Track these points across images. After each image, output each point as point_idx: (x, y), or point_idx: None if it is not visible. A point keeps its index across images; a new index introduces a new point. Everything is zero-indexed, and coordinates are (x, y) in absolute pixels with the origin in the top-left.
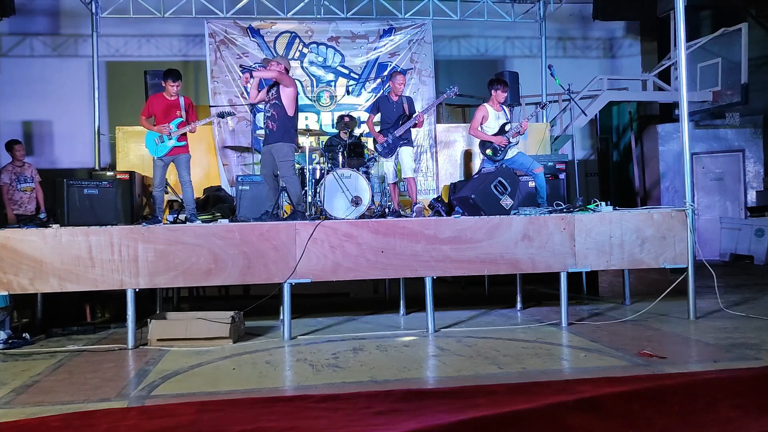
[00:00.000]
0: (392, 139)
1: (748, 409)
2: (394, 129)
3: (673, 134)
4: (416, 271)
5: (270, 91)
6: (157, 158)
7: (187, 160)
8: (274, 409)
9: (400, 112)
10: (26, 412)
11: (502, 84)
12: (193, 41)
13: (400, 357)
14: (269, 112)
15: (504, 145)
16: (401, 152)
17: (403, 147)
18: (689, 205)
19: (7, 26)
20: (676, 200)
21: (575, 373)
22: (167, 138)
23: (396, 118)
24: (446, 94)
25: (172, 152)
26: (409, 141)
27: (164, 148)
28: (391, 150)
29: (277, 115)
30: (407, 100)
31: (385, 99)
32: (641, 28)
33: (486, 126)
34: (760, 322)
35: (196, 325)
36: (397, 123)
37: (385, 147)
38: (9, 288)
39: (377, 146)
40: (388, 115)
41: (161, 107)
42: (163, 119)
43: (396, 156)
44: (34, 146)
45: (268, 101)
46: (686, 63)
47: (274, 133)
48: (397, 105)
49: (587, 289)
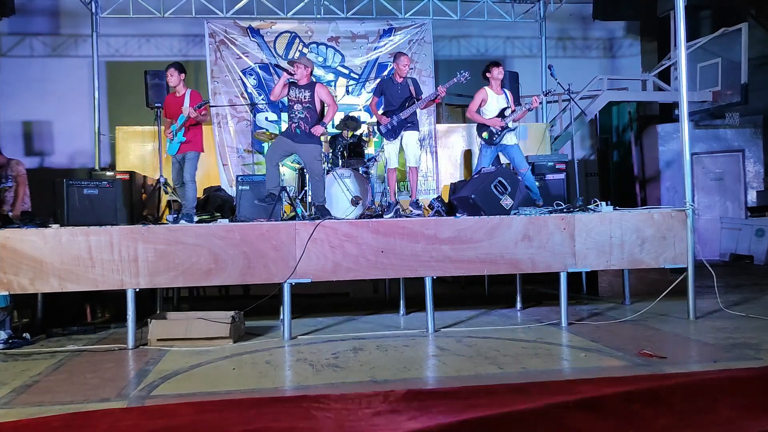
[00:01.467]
0: (397, 121)
1: (748, 409)
2: (399, 111)
3: (673, 134)
4: (416, 271)
5: (303, 92)
6: (172, 156)
7: (194, 158)
8: (274, 409)
9: (405, 95)
10: (26, 412)
11: (493, 65)
12: (193, 41)
13: (400, 357)
14: (302, 114)
15: (500, 128)
16: (406, 137)
17: (408, 131)
18: (689, 205)
19: (7, 26)
20: (676, 200)
21: (575, 373)
22: (174, 135)
23: (401, 101)
24: (457, 78)
25: (181, 149)
26: (415, 125)
27: (175, 146)
28: (395, 132)
29: (310, 118)
30: (413, 82)
31: (389, 81)
32: (641, 28)
33: (485, 109)
34: (759, 322)
35: (196, 325)
36: (403, 105)
37: (389, 129)
38: (9, 288)
39: (380, 128)
40: (392, 98)
41: (171, 107)
42: (173, 118)
43: (400, 139)
44: (34, 146)
45: (300, 102)
46: (686, 63)
47: (305, 134)
48: (402, 87)
49: (587, 289)
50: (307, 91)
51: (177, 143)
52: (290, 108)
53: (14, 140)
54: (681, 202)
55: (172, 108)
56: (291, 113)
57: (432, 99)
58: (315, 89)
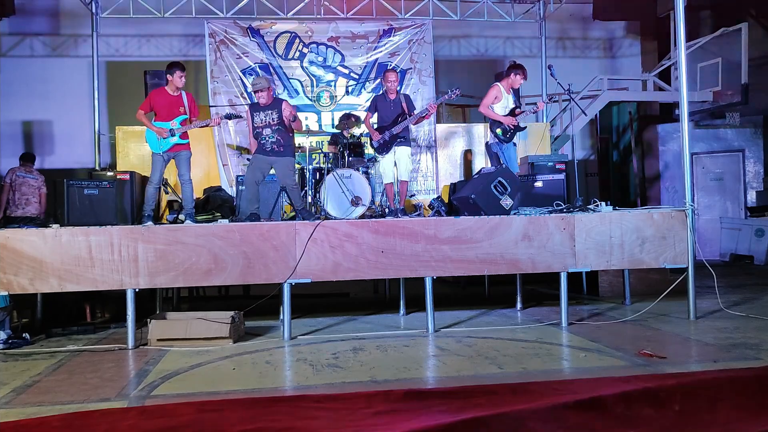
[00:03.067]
0: (389, 136)
1: (748, 409)
2: (392, 127)
3: (673, 134)
4: (416, 271)
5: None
6: (156, 154)
7: (188, 157)
8: (274, 409)
9: (398, 111)
10: (26, 412)
11: (523, 70)
12: (193, 41)
13: (400, 357)
14: (273, 137)
15: (513, 126)
16: (398, 152)
17: (401, 146)
18: (689, 205)
19: (7, 26)
20: (676, 200)
21: (575, 373)
22: (171, 135)
23: (394, 117)
24: (448, 95)
25: (174, 149)
26: (407, 140)
27: (166, 144)
28: (387, 147)
29: (282, 139)
30: (405, 98)
31: (382, 97)
32: (641, 28)
33: (497, 106)
34: (760, 322)
35: (196, 325)
36: (396, 121)
37: (381, 144)
38: (9, 288)
39: (373, 143)
40: (385, 114)
41: (163, 103)
42: (166, 116)
43: (393, 154)
44: (34, 146)
45: (269, 126)
46: (686, 63)
47: (282, 151)
48: (394, 103)
49: (587, 289)
50: (273, 112)
51: (171, 143)
52: (258, 135)
53: (14, 140)
54: (681, 202)
55: (167, 106)
56: (261, 140)
57: (422, 115)
58: (281, 107)
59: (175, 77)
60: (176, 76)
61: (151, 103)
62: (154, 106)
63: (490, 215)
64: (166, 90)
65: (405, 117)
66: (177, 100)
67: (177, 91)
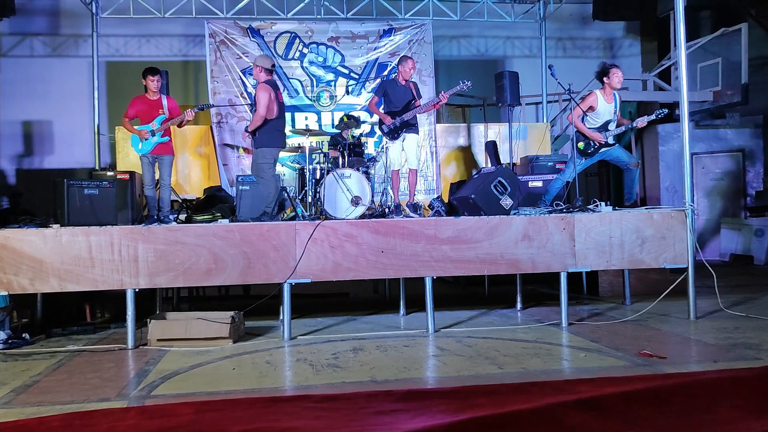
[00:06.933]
0: (400, 122)
1: (748, 409)
2: (402, 113)
3: (673, 134)
4: (416, 271)
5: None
6: (142, 156)
7: (171, 161)
8: (274, 409)
9: (408, 97)
10: (26, 412)
11: (613, 66)
12: (193, 41)
13: (400, 357)
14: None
15: (600, 143)
16: (407, 139)
17: (409, 133)
18: (689, 205)
19: (7, 26)
20: (676, 200)
21: (575, 373)
22: (151, 135)
23: (405, 103)
24: (459, 86)
25: (157, 150)
26: (416, 128)
27: (149, 144)
28: (398, 133)
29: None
30: (414, 86)
31: (393, 82)
32: (641, 28)
33: (591, 117)
34: (760, 322)
35: (196, 325)
36: (407, 107)
37: (392, 129)
38: (9, 288)
39: (383, 127)
40: (396, 99)
41: (143, 108)
42: (147, 119)
43: (401, 141)
44: (34, 146)
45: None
46: (686, 63)
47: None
48: (405, 89)
49: (587, 289)
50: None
51: (153, 143)
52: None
53: (14, 140)
54: (681, 202)
55: (147, 110)
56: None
57: (434, 104)
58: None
59: (147, 81)
60: (148, 80)
61: (132, 109)
62: (136, 112)
63: (490, 215)
64: (145, 96)
65: (416, 103)
66: (156, 103)
67: (155, 95)
